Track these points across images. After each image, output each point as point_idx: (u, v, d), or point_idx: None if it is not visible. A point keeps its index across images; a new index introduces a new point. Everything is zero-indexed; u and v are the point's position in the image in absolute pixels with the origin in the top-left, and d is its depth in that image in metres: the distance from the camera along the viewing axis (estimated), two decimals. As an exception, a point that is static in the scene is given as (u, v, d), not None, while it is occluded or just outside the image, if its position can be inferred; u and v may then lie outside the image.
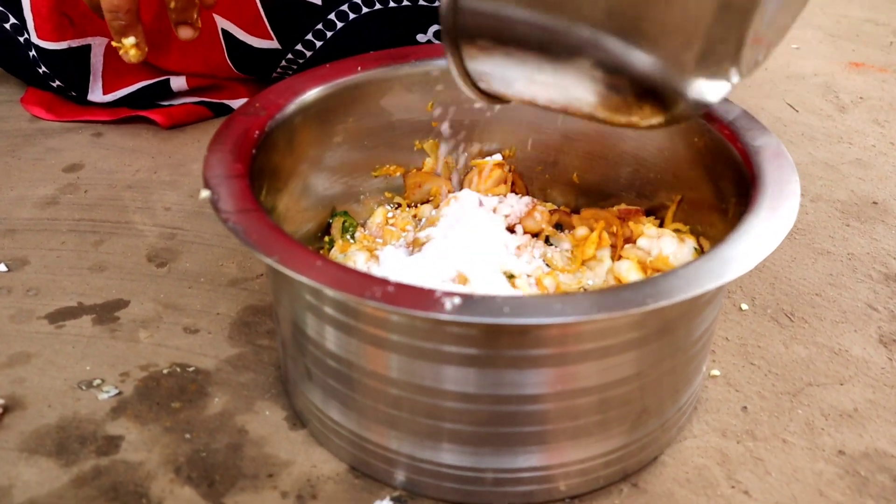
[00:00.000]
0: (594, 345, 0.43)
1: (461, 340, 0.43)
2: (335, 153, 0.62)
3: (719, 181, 0.56)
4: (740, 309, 0.63)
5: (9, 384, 0.55)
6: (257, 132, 0.54)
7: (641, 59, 0.38)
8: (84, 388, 0.55)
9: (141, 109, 0.86)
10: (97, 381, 0.56)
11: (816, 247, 0.70)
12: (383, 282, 0.41)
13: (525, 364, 0.43)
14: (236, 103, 0.88)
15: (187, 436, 0.52)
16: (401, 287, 0.40)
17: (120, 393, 0.55)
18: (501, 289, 0.55)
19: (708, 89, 0.41)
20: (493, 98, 0.47)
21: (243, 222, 0.45)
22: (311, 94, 0.59)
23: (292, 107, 0.58)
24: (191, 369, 0.57)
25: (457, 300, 0.39)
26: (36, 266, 0.66)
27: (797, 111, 0.91)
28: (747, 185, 0.51)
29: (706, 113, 0.56)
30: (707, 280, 0.41)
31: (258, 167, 0.52)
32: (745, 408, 0.55)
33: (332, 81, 0.60)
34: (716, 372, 0.57)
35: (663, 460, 0.51)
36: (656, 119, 0.42)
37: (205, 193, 0.47)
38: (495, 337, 0.43)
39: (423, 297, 0.40)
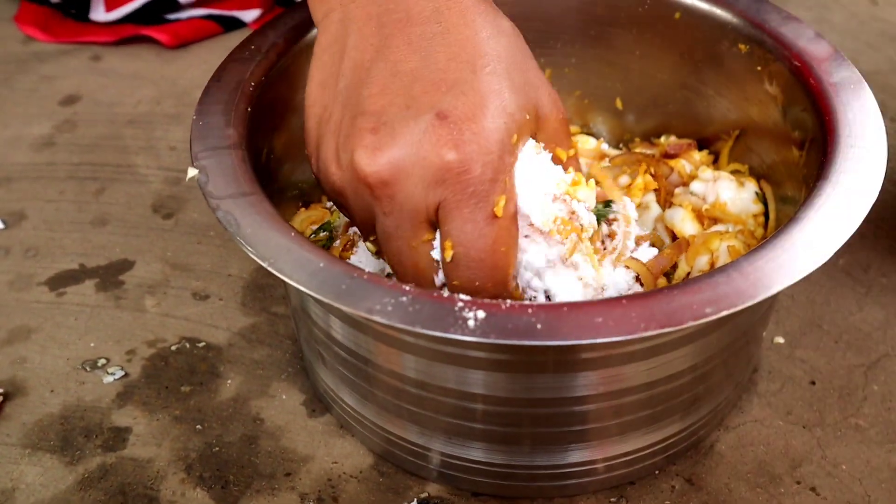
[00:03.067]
0: (643, 345, 0.37)
1: (488, 347, 0.37)
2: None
3: (786, 119, 0.48)
4: (808, 259, 0.56)
5: (9, 365, 0.52)
6: (253, 84, 0.46)
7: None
8: (88, 368, 0.51)
9: (145, 26, 0.78)
10: (102, 361, 0.52)
11: (896, 178, 0.62)
12: (395, 289, 0.35)
13: (563, 368, 0.38)
14: (248, 15, 0.80)
15: (198, 426, 0.48)
16: (415, 297, 0.34)
17: (126, 375, 0.51)
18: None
19: None
20: None
21: (236, 211, 0.39)
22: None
23: (294, 47, 0.50)
24: (201, 345, 0.52)
25: (480, 314, 0.33)
26: (34, 221, 0.61)
27: (876, 4, 0.80)
28: (821, 128, 0.43)
29: (774, 37, 0.48)
30: (777, 276, 0.34)
31: (256, 127, 0.46)
32: (813, 383, 0.49)
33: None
34: (780, 339, 0.51)
35: (720, 451, 0.46)
36: None
37: (192, 173, 0.41)
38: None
39: (440, 312, 0.34)
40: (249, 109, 0.45)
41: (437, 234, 0.39)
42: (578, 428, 0.41)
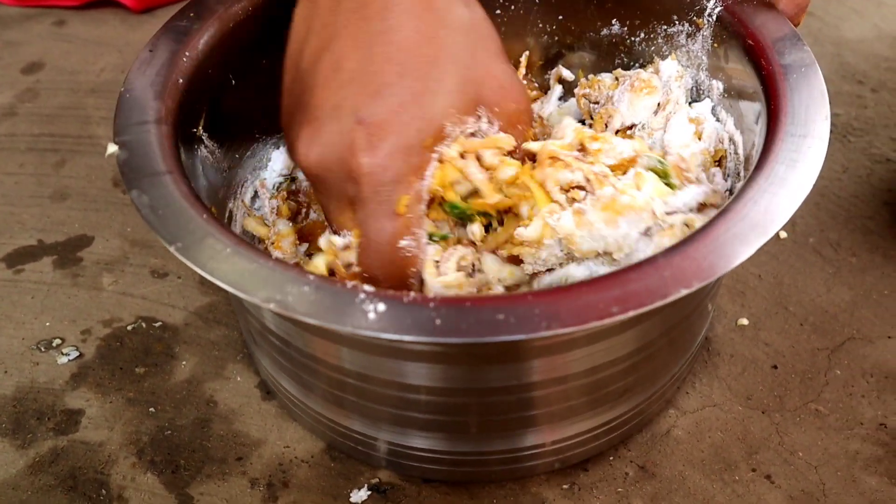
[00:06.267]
0: (584, 333, 0.36)
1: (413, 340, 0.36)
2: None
3: (741, 99, 0.46)
4: (777, 237, 0.55)
5: (-37, 345, 0.51)
6: (187, 55, 0.45)
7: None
8: (43, 349, 0.51)
9: (109, -11, 0.76)
10: (56, 342, 0.51)
11: (874, 153, 0.60)
12: (300, 277, 0.33)
13: (504, 358, 0.37)
14: (215, -24, 0.78)
15: (151, 409, 0.47)
16: (318, 286, 0.33)
17: (81, 355, 0.50)
18: None
19: None
20: None
21: (151, 190, 0.37)
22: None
23: (235, 11, 0.47)
24: (157, 325, 0.52)
25: (381, 307, 0.32)
26: (-7, 195, 0.60)
27: (865, -34, 0.77)
28: (766, 113, 0.41)
29: (732, 13, 0.46)
30: (692, 274, 0.33)
31: (190, 99, 0.44)
32: (776, 367, 0.48)
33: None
34: (744, 321, 0.50)
35: (677, 436, 0.45)
36: None
37: (111, 149, 0.39)
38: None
39: (340, 303, 0.32)
40: (181, 81, 0.44)
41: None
42: (524, 414, 0.40)
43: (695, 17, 0.48)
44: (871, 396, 0.47)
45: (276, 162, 0.53)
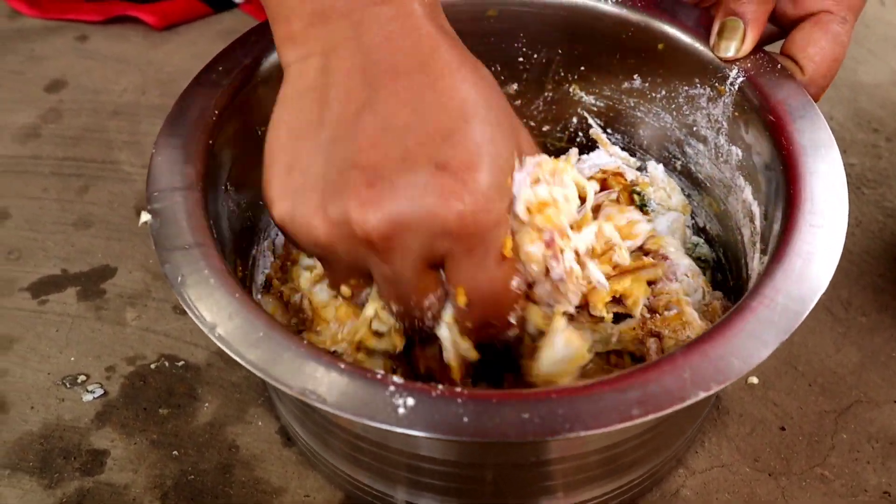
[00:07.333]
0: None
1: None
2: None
3: (756, 172, 0.47)
4: (790, 292, 0.56)
5: (-9, 378, 0.52)
6: (216, 112, 0.45)
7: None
8: (68, 385, 0.52)
9: (132, 4, 0.76)
10: (81, 378, 0.52)
11: (887, 206, 0.61)
12: (331, 365, 0.34)
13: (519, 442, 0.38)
14: (237, -8, 0.78)
15: (175, 452, 0.49)
16: (348, 377, 0.34)
17: (105, 393, 0.51)
18: None
19: None
20: None
21: (184, 265, 0.38)
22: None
23: (265, 65, 0.48)
24: (180, 364, 0.53)
25: (410, 401, 0.33)
26: (17, 220, 0.61)
27: (884, 5, 0.77)
28: (785, 195, 0.41)
29: (754, 84, 0.46)
30: (711, 376, 0.34)
31: (218, 158, 0.44)
32: (783, 428, 0.50)
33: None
34: (754, 380, 0.52)
35: (685, 496, 0.47)
36: None
37: (145, 217, 0.40)
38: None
39: (371, 396, 0.33)
40: (211, 141, 0.44)
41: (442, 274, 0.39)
42: (540, 485, 0.42)
43: (717, 84, 0.48)
44: (877, 463, 0.48)
45: None
